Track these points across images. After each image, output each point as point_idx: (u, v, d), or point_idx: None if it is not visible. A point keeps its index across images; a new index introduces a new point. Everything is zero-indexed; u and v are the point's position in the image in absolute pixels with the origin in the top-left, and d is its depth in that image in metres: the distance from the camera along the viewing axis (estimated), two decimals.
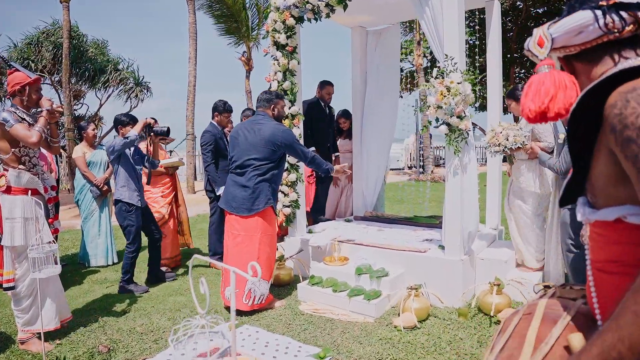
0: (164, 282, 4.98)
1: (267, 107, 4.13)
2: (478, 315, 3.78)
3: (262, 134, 3.96)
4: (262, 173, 3.92)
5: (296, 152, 4.05)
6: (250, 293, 3.86)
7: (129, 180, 4.60)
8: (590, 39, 1.11)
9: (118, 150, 4.48)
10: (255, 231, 3.92)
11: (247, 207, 3.89)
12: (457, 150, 3.82)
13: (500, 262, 4.20)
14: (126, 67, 21.40)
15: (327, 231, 5.13)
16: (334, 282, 4.17)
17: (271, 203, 3.98)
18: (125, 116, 4.86)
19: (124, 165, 4.62)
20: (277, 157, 3.99)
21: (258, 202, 3.89)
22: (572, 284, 1.55)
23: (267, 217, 3.98)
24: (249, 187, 3.89)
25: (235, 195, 3.94)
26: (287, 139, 3.96)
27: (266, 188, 3.93)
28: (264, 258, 3.95)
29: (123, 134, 4.69)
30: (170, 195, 5.54)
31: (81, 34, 20.23)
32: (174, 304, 4.32)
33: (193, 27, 14.37)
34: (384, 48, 5.84)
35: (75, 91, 20.06)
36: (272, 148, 3.92)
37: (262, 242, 3.95)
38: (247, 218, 3.92)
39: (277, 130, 3.96)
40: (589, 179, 1.14)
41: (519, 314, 1.39)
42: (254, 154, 3.93)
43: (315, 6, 4.55)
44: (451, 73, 3.69)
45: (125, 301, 4.42)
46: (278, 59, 4.78)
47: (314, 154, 4.17)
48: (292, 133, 4.10)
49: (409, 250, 4.28)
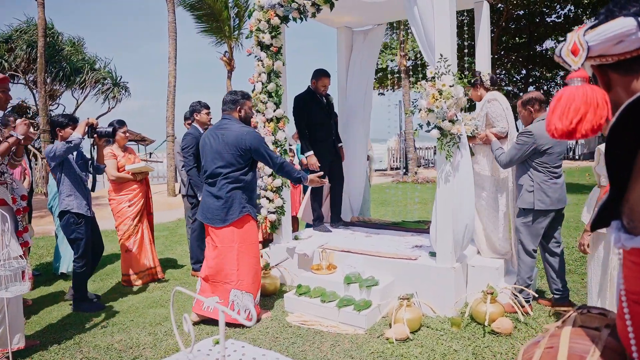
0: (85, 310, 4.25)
1: (233, 110, 3.85)
2: (471, 324, 3.68)
3: (225, 139, 3.70)
4: (232, 181, 3.68)
5: (264, 156, 3.74)
6: (234, 305, 3.69)
7: (74, 189, 4.15)
8: (631, 49, 0.98)
9: (60, 156, 3.96)
10: (233, 242, 3.70)
11: (221, 217, 3.68)
12: (449, 155, 3.70)
13: (492, 270, 4.11)
14: (103, 66, 20.98)
15: (314, 238, 4.98)
16: (322, 292, 4.02)
17: (247, 211, 3.74)
18: (64, 117, 4.30)
19: (68, 172, 4.14)
20: (246, 162, 3.72)
21: (232, 212, 3.67)
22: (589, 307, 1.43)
23: (244, 226, 3.74)
24: (221, 197, 3.67)
25: (210, 206, 3.73)
26: (254, 143, 3.68)
27: (239, 196, 3.69)
28: (245, 269, 3.73)
29: (63, 137, 4.16)
30: (139, 204, 5.13)
31: (56, 32, 19.75)
32: (154, 317, 4.12)
33: (173, 26, 14.06)
34: (368, 48, 5.73)
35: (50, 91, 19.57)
36: (238, 153, 3.66)
37: (242, 252, 3.72)
38: (222, 229, 3.70)
39: (242, 133, 3.69)
40: (626, 202, 1.02)
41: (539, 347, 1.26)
42: (220, 162, 3.70)
43: (301, 5, 4.39)
44: (443, 75, 3.57)
45: (102, 314, 4.20)
46: (262, 60, 4.61)
47: (284, 160, 3.87)
48: (259, 136, 3.82)
49: (399, 257, 4.15)
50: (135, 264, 5.05)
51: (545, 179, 3.71)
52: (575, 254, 5.53)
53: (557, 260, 3.91)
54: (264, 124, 4.71)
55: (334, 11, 4.39)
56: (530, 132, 3.68)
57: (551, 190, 3.70)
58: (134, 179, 5.10)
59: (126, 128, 5.14)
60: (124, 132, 5.11)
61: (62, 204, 4.15)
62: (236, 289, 3.71)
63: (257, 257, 3.88)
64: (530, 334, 3.46)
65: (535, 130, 3.67)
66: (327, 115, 5.41)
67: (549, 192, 3.69)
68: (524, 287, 3.82)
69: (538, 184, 3.71)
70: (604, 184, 3.07)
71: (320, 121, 5.32)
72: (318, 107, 5.32)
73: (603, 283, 3.18)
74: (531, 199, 3.73)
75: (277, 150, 4.66)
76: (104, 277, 5.44)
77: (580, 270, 4.97)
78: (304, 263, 4.61)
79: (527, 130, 3.70)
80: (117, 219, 5.07)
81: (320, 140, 5.31)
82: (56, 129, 4.24)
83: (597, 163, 3.20)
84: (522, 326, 3.59)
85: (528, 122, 3.85)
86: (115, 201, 5.07)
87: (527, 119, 3.85)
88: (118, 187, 5.06)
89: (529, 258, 3.86)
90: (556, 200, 3.72)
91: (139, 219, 5.13)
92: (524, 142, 3.70)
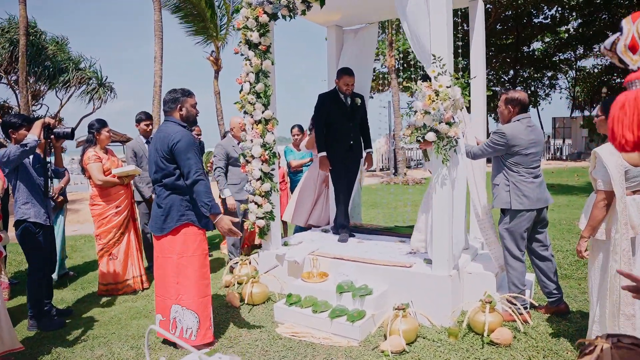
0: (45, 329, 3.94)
1: (173, 109, 3.43)
2: (469, 335, 3.53)
3: (155, 143, 3.38)
4: (168, 187, 3.33)
5: (183, 163, 3.24)
6: (176, 322, 3.38)
7: (31, 196, 3.82)
8: None
9: (14, 161, 3.55)
10: (171, 253, 3.34)
11: (159, 226, 3.35)
12: (446, 159, 3.55)
13: (488, 276, 3.97)
14: (88, 66, 20.60)
15: (304, 244, 4.81)
16: (314, 302, 3.85)
17: (186, 219, 3.32)
18: (16, 117, 3.91)
19: (24, 178, 3.80)
20: (174, 166, 3.30)
21: (169, 220, 3.31)
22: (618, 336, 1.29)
23: (184, 237, 3.34)
24: (160, 205, 3.38)
25: (153, 214, 3.46)
26: (180, 145, 3.22)
27: (177, 202, 3.32)
28: (186, 283, 3.34)
29: (17, 139, 3.81)
30: (126, 210, 4.91)
31: (39, 30, 19.34)
32: (137, 328, 3.92)
33: (159, 25, 13.79)
34: (360, 48, 5.56)
35: (33, 91, 19.17)
36: (163, 155, 3.28)
37: (182, 265, 3.33)
38: (161, 238, 3.39)
39: (169, 134, 3.28)
40: None
41: None
42: (153, 167, 3.41)
43: (290, 2, 4.22)
44: (439, 76, 3.42)
45: (81, 327, 3.99)
46: (250, 59, 4.43)
47: (203, 179, 3.27)
48: (191, 139, 3.33)
49: (393, 265, 4.00)
50: (121, 272, 4.83)
51: (520, 178, 3.63)
52: (571, 258, 5.43)
53: (546, 264, 3.80)
54: (252, 125, 4.52)
55: (324, 9, 4.22)
56: (503, 133, 3.60)
57: (528, 189, 3.61)
58: (121, 182, 4.87)
59: (109, 128, 4.92)
60: (108, 132, 4.89)
61: (17, 212, 3.80)
62: (176, 304, 3.37)
63: (203, 271, 3.43)
64: (530, 344, 3.33)
65: (508, 131, 3.59)
66: (346, 116, 5.08)
67: (526, 192, 3.60)
68: (518, 293, 3.70)
69: (514, 184, 3.63)
70: (601, 188, 2.93)
71: (338, 122, 5.06)
72: (336, 107, 5.07)
73: (601, 290, 3.06)
74: (507, 198, 3.65)
75: (265, 153, 4.48)
76: (85, 285, 5.20)
77: (577, 275, 4.86)
78: (294, 270, 4.44)
79: (501, 131, 3.62)
80: (99, 225, 4.79)
81: (335, 141, 5.10)
82: (9, 130, 3.86)
83: (593, 167, 3.05)
84: (522, 336, 3.46)
85: (505, 121, 3.77)
86: (100, 207, 4.80)
87: (505, 117, 3.77)
88: (104, 192, 4.79)
89: (517, 262, 3.75)
90: (535, 199, 3.62)
91: (126, 226, 4.91)
92: (495, 143, 3.62)
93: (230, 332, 3.75)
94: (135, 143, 5.51)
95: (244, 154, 4.62)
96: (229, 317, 4.06)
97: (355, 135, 5.18)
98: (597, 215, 2.97)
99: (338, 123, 5.07)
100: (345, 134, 5.08)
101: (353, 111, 5.11)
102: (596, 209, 2.97)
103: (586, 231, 3.05)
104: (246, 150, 4.57)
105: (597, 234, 3.02)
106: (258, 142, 4.48)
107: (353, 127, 5.15)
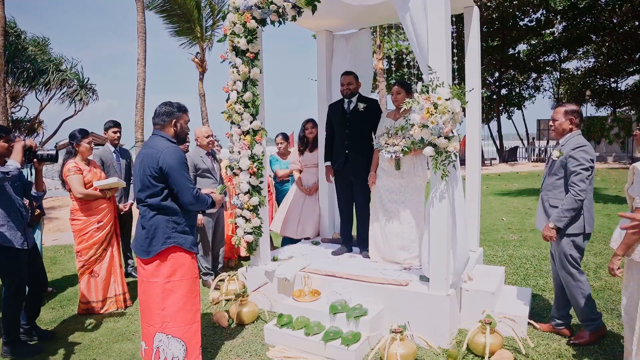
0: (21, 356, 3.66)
1: (166, 123, 3.20)
2: (468, 357, 3.39)
3: (141, 159, 3.12)
4: (153, 207, 3.10)
5: (175, 182, 3.05)
6: (159, 353, 3.13)
7: (7, 218, 3.52)
8: None
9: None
10: (157, 277, 3.11)
11: (144, 249, 3.10)
12: (445, 174, 3.39)
13: (487, 294, 3.83)
14: (69, 67, 20.15)
15: (294, 259, 4.62)
16: (306, 323, 3.67)
17: (173, 242, 3.10)
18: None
19: (2, 199, 3.51)
20: (162, 186, 3.08)
21: (154, 243, 3.08)
22: None
23: (171, 261, 3.12)
24: (145, 226, 3.13)
25: (137, 236, 3.21)
26: (170, 162, 3.02)
27: (163, 224, 3.09)
28: (173, 310, 3.11)
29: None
30: (108, 225, 4.62)
31: (19, 30, 18.84)
32: (119, 353, 3.69)
33: (142, 26, 13.47)
34: (353, 53, 5.40)
35: (12, 92, 18.65)
36: (150, 173, 3.04)
37: (168, 290, 3.11)
38: (147, 263, 3.14)
39: (158, 151, 3.06)
40: None
41: None
42: (139, 186, 3.15)
43: (280, 7, 4.03)
44: (438, 88, 3.25)
45: (61, 349, 3.75)
46: (238, 67, 4.22)
47: (199, 194, 3.16)
48: (183, 156, 3.13)
49: (388, 283, 3.84)
50: (102, 290, 4.58)
51: (590, 196, 3.40)
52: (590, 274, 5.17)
53: None
54: (239, 136, 4.32)
55: (314, 14, 4.04)
56: (587, 146, 3.34)
57: (593, 210, 3.45)
58: (103, 196, 4.58)
59: (90, 139, 4.64)
60: (89, 143, 4.58)
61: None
62: (160, 332, 3.12)
63: (191, 297, 3.20)
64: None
65: (588, 144, 3.36)
66: (341, 122, 4.81)
67: (592, 212, 3.43)
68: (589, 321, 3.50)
69: (586, 206, 3.39)
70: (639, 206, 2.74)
71: (336, 127, 4.90)
72: (334, 113, 4.93)
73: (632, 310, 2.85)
74: (581, 222, 3.40)
75: (253, 166, 4.28)
76: (65, 303, 4.93)
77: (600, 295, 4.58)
78: (285, 288, 4.26)
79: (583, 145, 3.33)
80: (80, 241, 4.51)
81: (335, 148, 4.96)
82: None
83: (630, 183, 2.86)
84: (523, 358, 3.32)
85: (561, 135, 3.52)
86: (81, 222, 4.50)
87: (566, 130, 3.51)
88: (85, 205, 4.50)
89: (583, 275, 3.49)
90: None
91: (108, 242, 4.64)
92: (589, 161, 3.31)
93: (219, 357, 3.55)
94: (103, 151, 5.41)
95: (231, 166, 4.41)
96: (217, 339, 3.86)
97: (351, 143, 4.74)
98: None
99: (336, 128, 4.92)
100: (340, 143, 4.86)
101: (352, 117, 4.75)
102: None
103: (620, 249, 2.83)
104: (233, 163, 4.37)
105: (635, 255, 2.78)
106: (246, 154, 4.28)
107: (349, 135, 4.74)
